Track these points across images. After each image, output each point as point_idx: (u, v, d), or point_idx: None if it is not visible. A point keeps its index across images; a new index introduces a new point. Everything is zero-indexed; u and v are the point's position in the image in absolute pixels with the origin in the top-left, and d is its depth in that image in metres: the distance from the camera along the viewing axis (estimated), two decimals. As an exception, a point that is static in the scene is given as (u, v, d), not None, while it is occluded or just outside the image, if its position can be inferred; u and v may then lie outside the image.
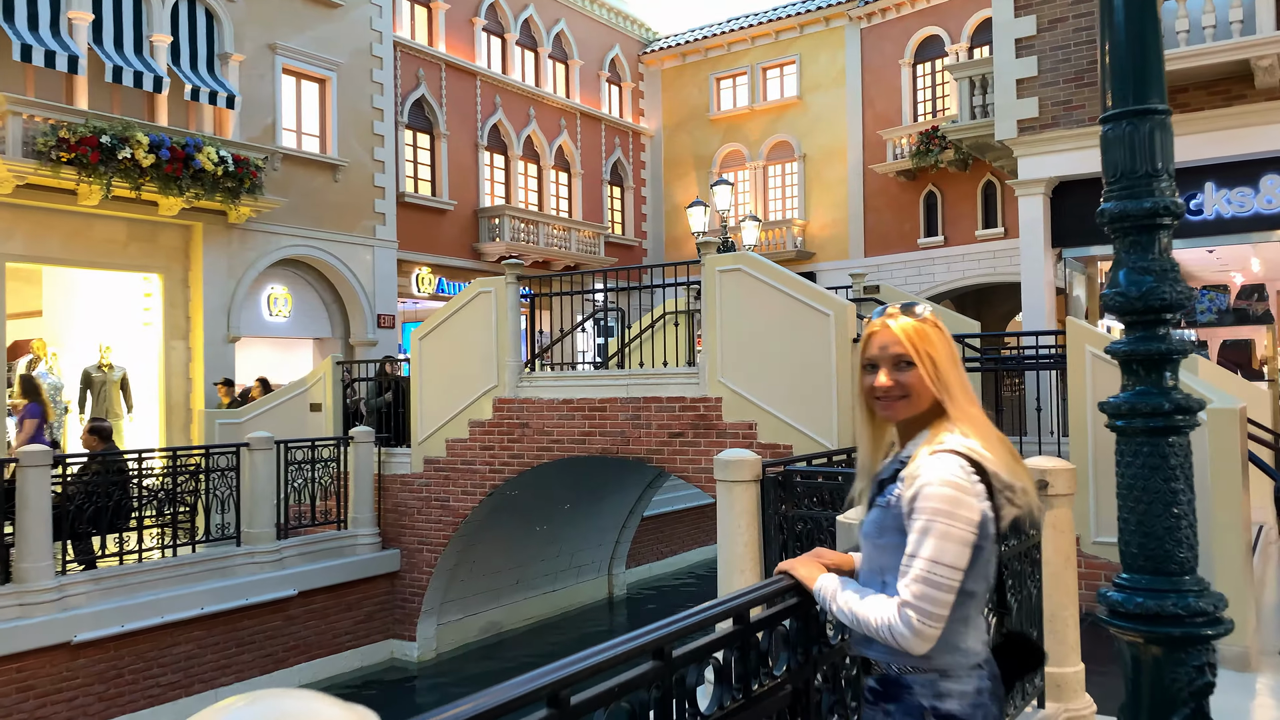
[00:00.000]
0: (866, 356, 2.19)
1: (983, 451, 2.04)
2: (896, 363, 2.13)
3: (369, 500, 11.49)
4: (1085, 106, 11.21)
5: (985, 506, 2.01)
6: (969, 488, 1.98)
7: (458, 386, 11.05)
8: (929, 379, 2.10)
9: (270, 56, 17.04)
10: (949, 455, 2.01)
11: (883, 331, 2.16)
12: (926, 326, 2.15)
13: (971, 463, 2.01)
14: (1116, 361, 3.03)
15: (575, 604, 13.97)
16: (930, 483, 1.98)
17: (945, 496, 1.96)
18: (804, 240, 24.46)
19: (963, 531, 1.96)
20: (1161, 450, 2.87)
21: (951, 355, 2.16)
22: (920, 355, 2.11)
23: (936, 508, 1.96)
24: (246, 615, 10.01)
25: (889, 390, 2.12)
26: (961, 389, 2.13)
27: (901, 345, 2.12)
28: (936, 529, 1.95)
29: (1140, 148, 2.95)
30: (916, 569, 1.96)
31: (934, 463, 2.01)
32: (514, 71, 23.19)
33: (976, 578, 2.06)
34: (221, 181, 14.97)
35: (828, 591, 2.19)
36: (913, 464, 2.05)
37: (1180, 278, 2.96)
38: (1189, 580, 2.85)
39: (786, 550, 5.90)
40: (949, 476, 1.98)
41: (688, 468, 9.70)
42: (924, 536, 1.96)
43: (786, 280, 9.20)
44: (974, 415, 2.11)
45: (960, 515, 1.96)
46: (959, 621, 2.05)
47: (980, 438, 2.07)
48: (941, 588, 1.95)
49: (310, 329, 18.35)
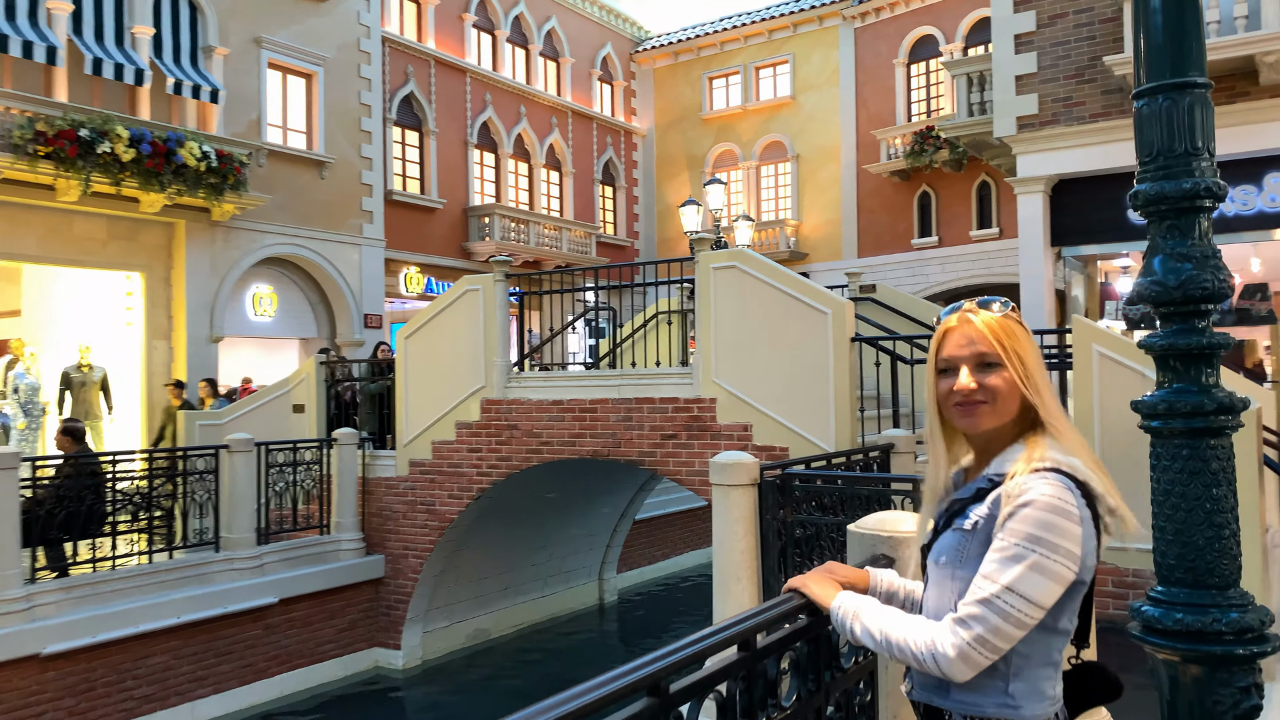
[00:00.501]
0: (943, 357, 1.89)
1: (1087, 471, 1.77)
2: (980, 363, 1.84)
3: (353, 504, 11.18)
4: (1086, 103, 11.00)
5: (1085, 533, 1.74)
6: (1075, 514, 1.71)
7: (444, 387, 10.76)
8: (1020, 382, 1.82)
9: (255, 50, 16.73)
10: (1056, 475, 1.73)
11: (963, 327, 1.88)
12: (1012, 323, 1.87)
13: (1079, 484, 1.74)
14: (1151, 357, 2.79)
15: (565, 610, 13.68)
16: (1033, 503, 1.70)
17: (1048, 523, 1.69)
18: (797, 241, 24.25)
19: (1060, 566, 1.69)
20: (1202, 453, 2.62)
21: (1040, 358, 1.89)
22: (1009, 354, 1.83)
23: (1035, 535, 1.68)
24: (225, 624, 9.69)
25: (971, 394, 1.83)
26: (1053, 397, 1.86)
27: (988, 342, 1.84)
28: (1030, 559, 1.68)
29: (1179, 124, 2.70)
30: (986, 590, 1.70)
31: (1039, 482, 1.72)
32: (504, 69, 22.91)
33: (1072, 615, 1.80)
34: (204, 177, 14.67)
35: (847, 612, 1.92)
36: (1011, 481, 1.76)
37: (1222, 265, 2.71)
38: (1233, 594, 2.60)
39: (785, 557, 5.63)
40: (1054, 500, 1.70)
41: (681, 470, 9.43)
42: (1010, 563, 1.69)
43: (783, 278, 8.95)
44: (1069, 428, 1.84)
45: (1062, 547, 1.69)
46: (1048, 665, 1.79)
47: (1079, 455, 1.80)
48: (1010, 620, 1.68)
49: (296, 329, 18.04)
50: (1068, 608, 1.76)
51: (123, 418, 14.40)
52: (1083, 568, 1.74)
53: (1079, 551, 1.71)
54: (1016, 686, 1.76)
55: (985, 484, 1.83)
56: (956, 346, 1.87)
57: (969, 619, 1.70)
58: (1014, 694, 1.76)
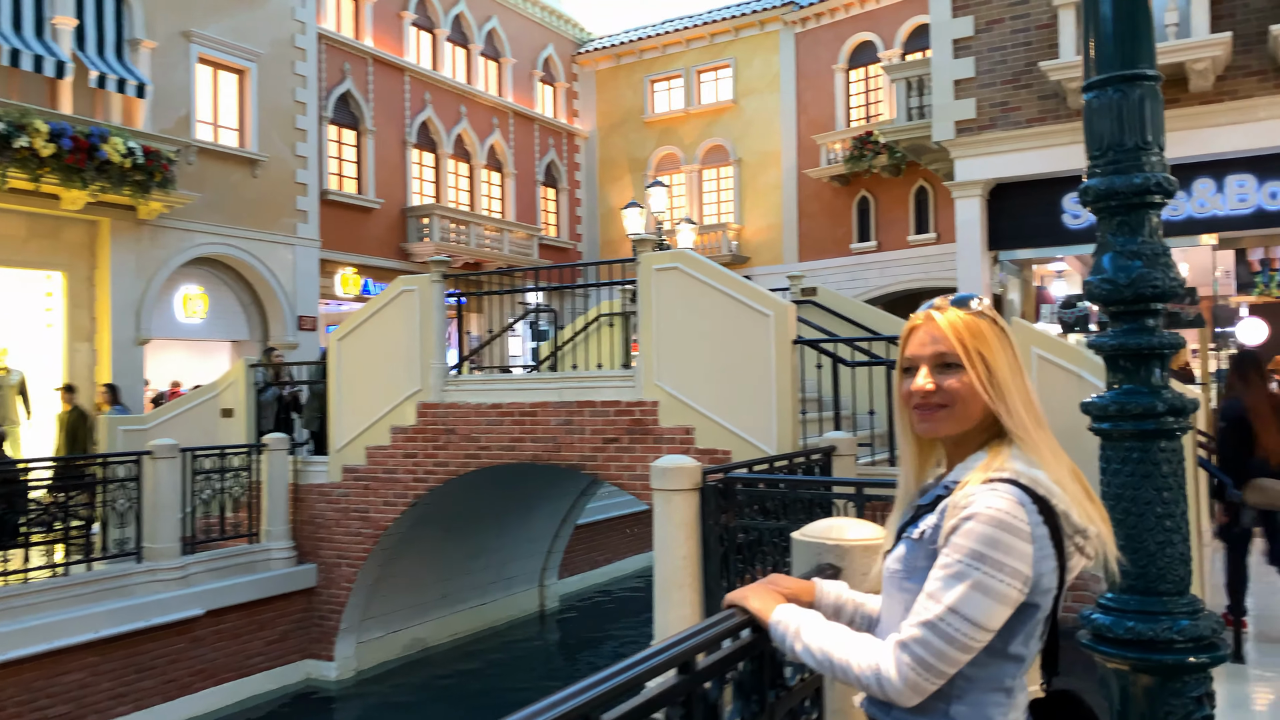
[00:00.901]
0: (905, 356, 1.78)
1: (1050, 485, 1.63)
2: (940, 363, 1.72)
3: (283, 512, 10.83)
4: (1022, 108, 11.12)
5: (1037, 553, 1.60)
6: (1024, 530, 1.58)
7: (379, 391, 10.47)
8: (980, 386, 1.69)
9: (185, 44, 16.22)
10: (1008, 486, 1.60)
11: (926, 325, 1.75)
12: (982, 322, 1.74)
13: (1036, 499, 1.61)
14: (1101, 357, 2.73)
15: (505, 617, 13.44)
16: (977, 516, 1.57)
17: (992, 539, 1.55)
18: (739, 245, 24.29)
19: (1004, 586, 1.56)
20: (1153, 456, 2.59)
21: (1012, 361, 1.74)
22: (970, 355, 1.70)
23: (977, 551, 1.55)
24: (148, 638, 9.29)
25: (928, 396, 1.72)
26: (1025, 404, 1.71)
27: (948, 342, 1.71)
28: (972, 578, 1.55)
29: (1129, 117, 2.65)
30: (929, 611, 1.58)
31: (988, 494, 1.59)
32: (444, 68, 22.58)
33: (1026, 639, 1.65)
34: (129, 174, 14.15)
35: (788, 628, 1.79)
36: (960, 491, 1.63)
37: (1173, 263, 2.65)
38: (1184, 601, 2.55)
39: (728, 563, 5.52)
40: (1001, 514, 1.57)
41: (622, 475, 9.28)
42: (952, 581, 1.56)
43: (725, 280, 8.87)
44: (1043, 439, 1.70)
45: (1006, 565, 1.55)
46: (997, 690, 1.65)
47: (1049, 467, 1.67)
48: (954, 644, 1.56)
49: (227, 331, 17.53)
50: (1019, 631, 1.63)
51: (41, 423, 13.80)
52: (1036, 590, 1.60)
53: (1029, 571, 1.57)
54: (959, 710, 1.64)
55: (942, 491, 1.72)
56: (918, 345, 1.75)
57: (911, 642, 1.59)
58: (955, 717, 1.64)
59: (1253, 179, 10.37)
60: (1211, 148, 10.27)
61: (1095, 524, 1.67)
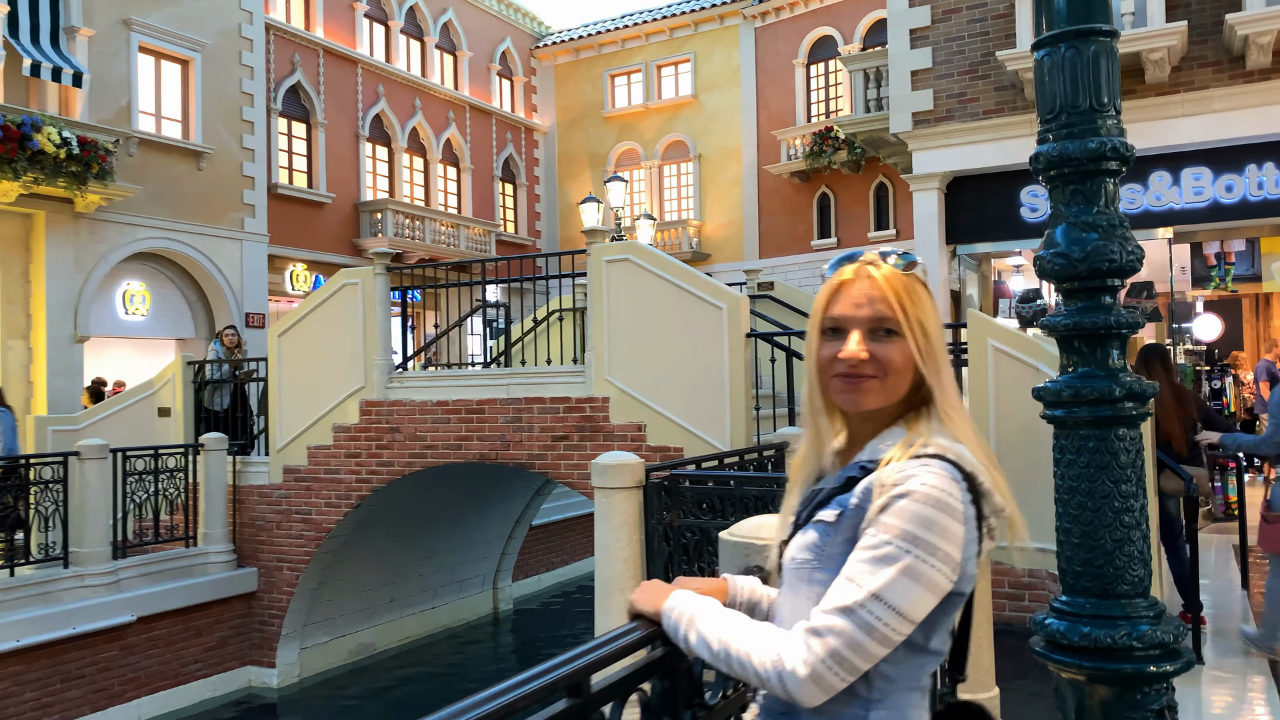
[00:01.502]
0: (831, 316, 1.51)
1: (975, 461, 1.44)
2: (877, 327, 1.48)
3: (222, 514, 10.42)
4: (979, 99, 11.00)
5: (973, 540, 1.40)
6: (960, 510, 1.37)
7: (321, 388, 10.10)
8: (919, 355, 1.47)
9: (125, 33, 15.69)
10: (941, 463, 1.40)
11: (860, 281, 1.50)
12: (917, 284, 1.51)
13: (965, 476, 1.41)
14: (1054, 338, 2.51)
15: (458, 621, 13.10)
16: (913, 494, 1.36)
17: (928, 520, 1.35)
18: (700, 241, 24.10)
19: (937, 573, 1.35)
20: (1110, 445, 2.38)
21: (941, 329, 1.53)
22: (911, 321, 1.47)
23: (912, 533, 1.34)
24: (75, 646, 8.86)
25: (860, 365, 1.47)
26: (951, 377, 1.51)
27: (886, 303, 1.47)
28: (904, 561, 1.34)
29: (1083, 76, 2.43)
30: (849, 596, 1.35)
31: (922, 470, 1.39)
32: (398, 60, 22.15)
33: (944, 633, 1.46)
34: (64, 165, 13.63)
35: (681, 614, 1.55)
36: (888, 468, 1.41)
37: (1130, 235, 2.43)
38: (1143, 604, 2.33)
39: (672, 565, 5.27)
40: (938, 492, 1.36)
41: (572, 474, 9.01)
42: (880, 564, 1.34)
43: (677, 272, 8.62)
44: (960, 413, 1.50)
45: (941, 550, 1.35)
46: (915, 690, 1.45)
47: (968, 441, 1.46)
48: (874, 634, 1.34)
49: (171, 329, 17.01)
50: (941, 623, 1.43)
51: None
52: (962, 577, 1.40)
53: (959, 556, 1.37)
54: (879, 716, 1.41)
55: (857, 471, 1.48)
56: (851, 304, 1.49)
57: (824, 630, 1.35)
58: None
59: (1208, 172, 10.31)
60: (1168, 140, 10.19)
61: (1010, 504, 1.48)
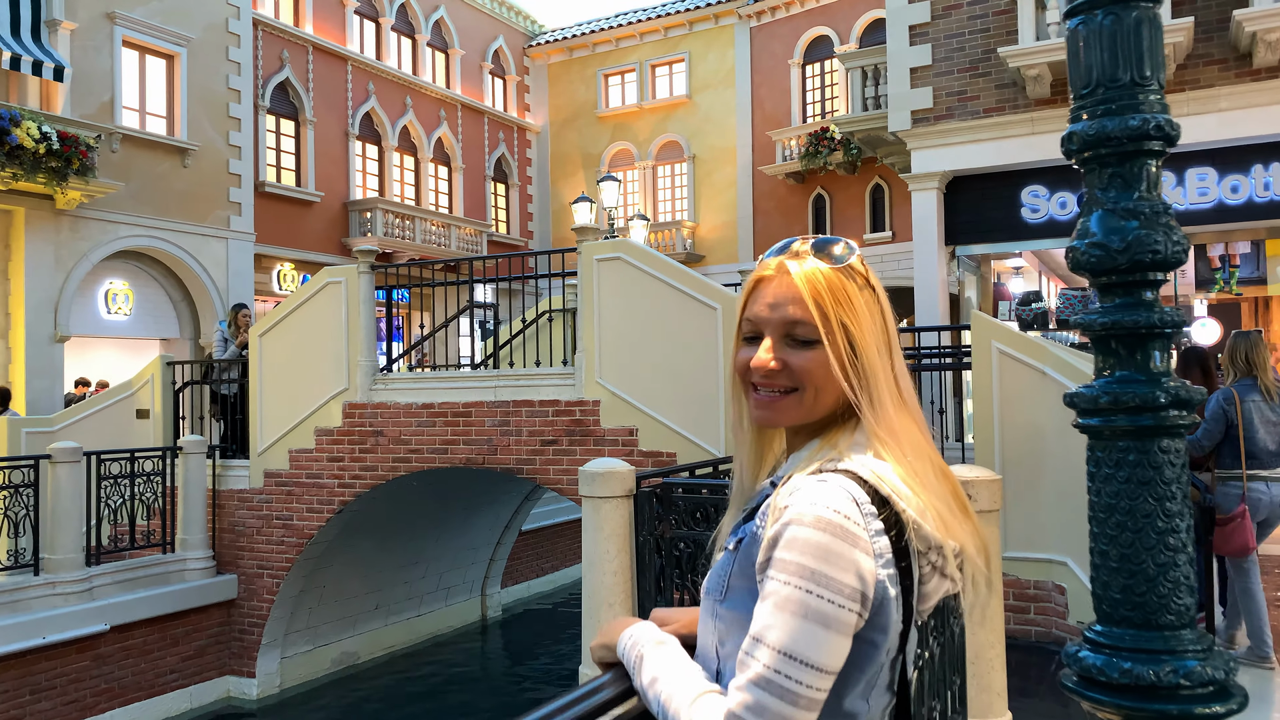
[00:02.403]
0: (747, 317, 1.33)
1: (899, 484, 1.20)
2: (788, 333, 1.27)
3: (201, 519, 10.11)
4: (980, 97, 10.77)
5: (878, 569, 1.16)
6: (855, 534, 1.15)
7: (303, 390, 9.81)
8: (839, 366, 1.25)
9: (108, 26, 15.38)
10: (840, 478, 1.19)
11: (777, 279, 1.30)
12: (850, 281, 1.28)
13: (876, 497, 1.18)
14: (1089, 338, 2.26)
15: (445, 629, 12.80)
16: (799, 519, 1.15)
17: (818, 547, 1.13)
18: (694, 243, 23.84)
19: (837, 609, 1.13)
20: (1153, 458, 2.14)
21: (882, 334, 1.29)
22: (831, 325, 1.25)
23: (803, 565, 1.13)
24: (45, 656, 8.55)
25: (771, 376, 1.28)
26: (889, 388, 1.27)
27: (801, 305, 1.26)
28: (795, 600, 1.13)
29: (1124, 46, 2.17)
30: (758, 662, 1.14)
31: (812, 489, 1.18)
32: (389, 58, 21.86)
33: (866, 690, 1.20)
34: (44, 160, 13.32)
35: (632, 649, 1.35)
36: (782, 489, 1.21)
37: (1175, 224, 2.17)
38: (1189, 636, 2.08)
39: (664, 578, 5.00)
40: (826, 512, 1.15)
41: (562, 479, 8.73)
42: (777, 611, 1.14)
43: (670, 271, 8.36)
44: (903, 428, 1.26)
45: (836, 582, 1.13)
46: None
47: (901, 461, 1.23)
48: (796, 700, 1.13)
49: (155, 329, 16.68)
50: (855, 679, 1.19)
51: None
52: (876, 623, 1.17)
53: (867, 590, 1.15)
54: None
55: (769, 489, 1.28)
56: (765, 304, 1.30)
57: (743, 711, 1.13)
58: None
59: (1214, 172, 10.09)
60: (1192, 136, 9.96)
61: (961, 537, 1.24)
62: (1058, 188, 10.68)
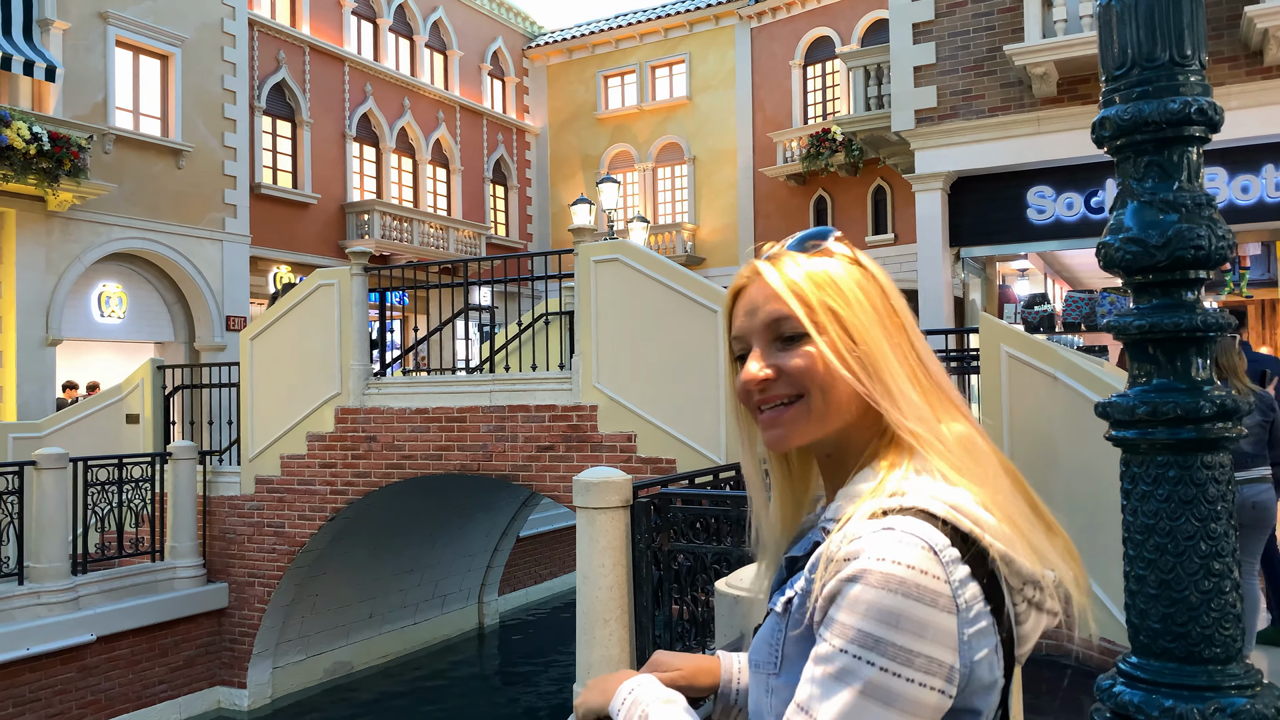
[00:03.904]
0: (734, 332, 1.15)
1: (980, 513, 0.98)
2: (774, 335, 1.09)
3: (191, 527, 9.91)
4: (985, 96, 10.58)
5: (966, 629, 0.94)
6: (934, 591, 0.93)
7: (295, 395, 9.62)
8: (838, 357, 1.05)
9: (101, 26, 15.20)
10: (908, 522, 0.96)
11: (752, 284, 1.13)
12: (832, 266, 1.09)
13: (955, 535, 0.96)
14: (1124, 341, 2.06)
15: (440, 637, 12.60)
16: (865, 577, 0.93)
17: (887, 613, 0.92)
18: (694, 245, 23.66)
19: (917, 687, 0.92)
20: (1196, 474, 1.94)
21: (886, 312, 1.09)
22: (816, 315, 1.06)
23: (867, 634, 0.92)
24: (29, 667, 8.35)
25: (767, 386, 1.08)
26: (907, 370, 1.06)
27: (779, 300, 1.08)
28: (863, 677, 0.92)
29: (1162, 22, 1.97)
30: None
31: (877, 539, 0.95)
32: (387, 59, 21.68)
33: None
34: (35, 161, 13.14)
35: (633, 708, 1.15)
36: (837, 534, 0.99)
37: (1219, 217, 1.97)
38: (1235, 671, 1.88)
39: (662, 592, 4.79)
40: (897, 570, 0.93)
41: (558, 486, 8.53)
42: (834, 685, 0.93)
43: (669, 272, 8.17)
44: (954, 436, 1.05)
45: (917, 655, 0.91)
46: None
47: (971, 479, 1.01)
48: None
49: (149, 332, 16.49)
50: None
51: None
52: (970, 687, 0.95)
53: (954, 660, 0.93)
54: None
55: (819, 535, 1.07)
56: (744, 313, 1.13)
57: None
58: None
59: (1223, 172, 9.91)
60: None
61: (1054, 565, 1.05)
62: (1064, 188, 10.49)
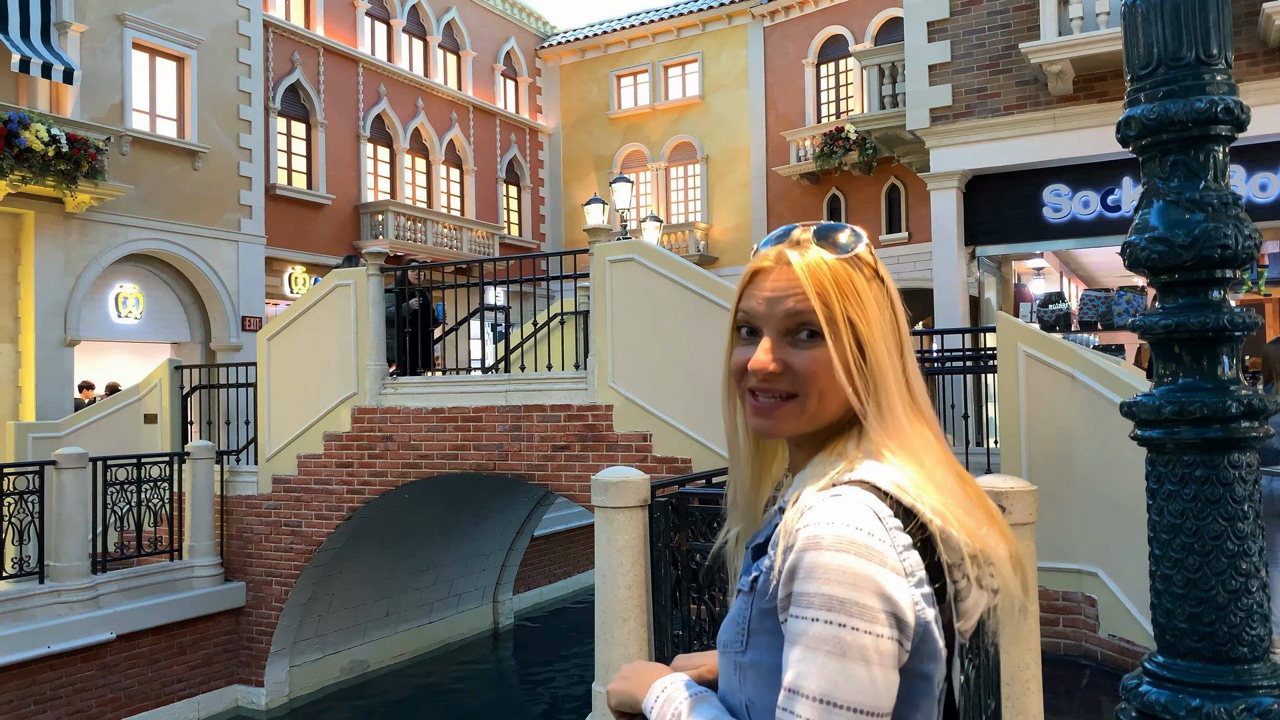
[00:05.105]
0: (741, 307, 1.19)
1: (919, 490, 1.06)
2: (790, 327, 1.13)
3: (209, 526, 9.97)
4: (1000, 94, 10.54)
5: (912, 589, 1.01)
6: (881, 552, 1.00)
7: (311, 394, 9.66)
8: (844, 367, 1.10)
9: (118, 28, 15.30)
10: (855, 491, 1.04)
11: (776, 270, 1.15)
12: (857, 272, 1.14)
13: (898, 508, 1.04)
14: (1150, 341, 2.10)
15: (455, 636, 12.64)
16: (815, 544, 1.00)
17: (840, 570, 0.99)
18: (707, 244, 23.65)
19: (872, 638, 0.98)
20: (1223, 474, 1.98)
21: (893, 332, 1.14)
22: (836, 322, 1.11)
23: (825, 594, 0.99)
24: (49, 666, 8.42)
25: (770, 379, 1.13)
26: (900, 393, 1.13)
27: (803, 297, 1.12)
28: (828, 637, 0.98)
29: (1188, 22, 2.00)
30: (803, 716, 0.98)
31: (826, 506, 1.03)
32: (400, 60, 21.76)
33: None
34: (53, 163, 13.23)
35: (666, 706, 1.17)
36: (791, 510, 1.07)
37: (1245, 216, 1.99)
38: (1262, 670, 1.90)
39: (681, 592, 4.80)
40: (846, 530, 1.00)
41: (574, 486, 8.55)
42: (809, 654, 0.99)
43: (685, 272, 8.17)
44: (916, 435, 1.12)
45: (871, 609, 0.98)
46: None
47: (919, 468, 1.09)
48: None
49: (165, 332, 16.59)
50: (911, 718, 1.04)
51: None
52: (924, 646, 1.03)
53: (906, 614, 1.00)
54: None
55: (778, 515, 1.12)
56: (762, 298, 1.15)
57: None
58: None
59: (1241, 170, 9.84)
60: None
61: (989, 547, 1.09)
62: (1080, 187, 10.44)
